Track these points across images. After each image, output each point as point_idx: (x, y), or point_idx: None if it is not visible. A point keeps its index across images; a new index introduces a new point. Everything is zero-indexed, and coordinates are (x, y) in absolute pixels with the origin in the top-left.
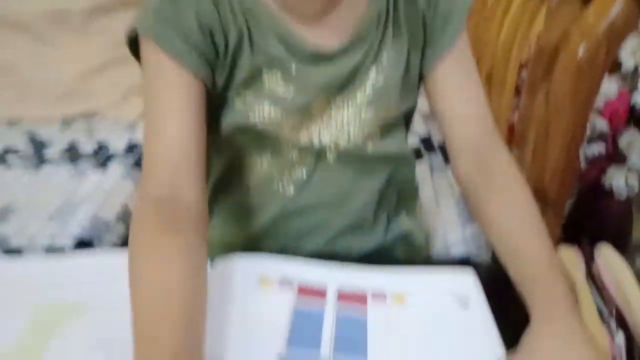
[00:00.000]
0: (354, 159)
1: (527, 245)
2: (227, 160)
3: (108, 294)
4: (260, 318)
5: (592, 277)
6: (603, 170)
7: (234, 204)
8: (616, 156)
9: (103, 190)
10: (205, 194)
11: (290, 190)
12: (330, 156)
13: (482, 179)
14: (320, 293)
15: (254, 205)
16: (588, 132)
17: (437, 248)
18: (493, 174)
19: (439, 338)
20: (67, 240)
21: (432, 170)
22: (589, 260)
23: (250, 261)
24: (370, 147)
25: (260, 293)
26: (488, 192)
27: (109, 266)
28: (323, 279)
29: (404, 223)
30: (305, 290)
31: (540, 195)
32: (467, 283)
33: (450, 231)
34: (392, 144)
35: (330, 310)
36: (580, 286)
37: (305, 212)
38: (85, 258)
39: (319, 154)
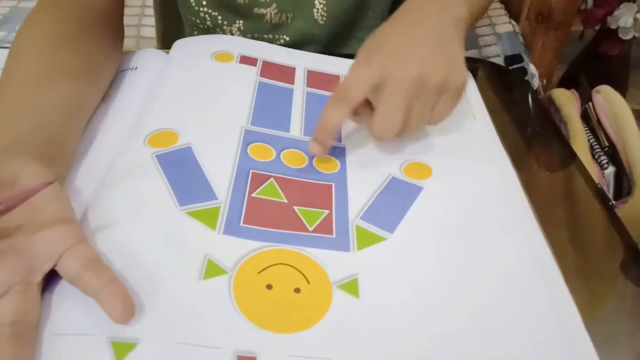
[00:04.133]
0: None
1: None
2: None
3: None
4: (217, 92)
5: (587, 117)
6: (611, 12)
7: None
8: None
9: None
10: None
11: None
12: None
13: None
14: (288, 70)
15: None
16: None
17: None
18: None
19: None
20: None
21: None
22: (585, 101)
23: (207, 39)
24: None
25: (215, 66)
26: None
27: None
28: (291, 60)
29: None
30: (271, 66)
31: (546, 16)
32: None
33: None
34: None
35: (299, 87)
36: (574, 122)
37: None
38: None
39: None
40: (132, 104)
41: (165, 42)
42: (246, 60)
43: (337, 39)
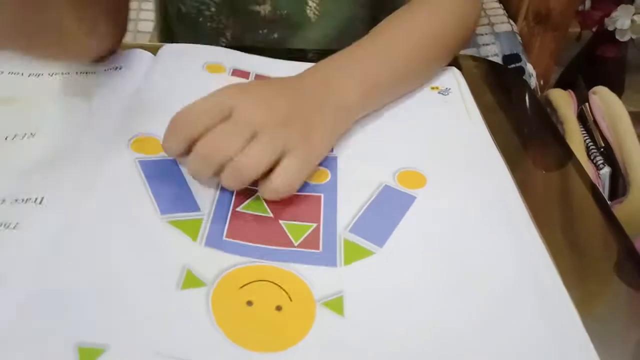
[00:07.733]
0: None
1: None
2: None
3: None
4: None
5: (583, 118)
6: (608, 14)
7: None
8: None
9: None
10: None
11: None
12: None
13: None
14: None
15: None
16: None
17: None
18: None
19: (420, 128)
20: None
21: None
22: (582, 102)
23: (199, 48)
24: None
25: (206, 76)
26: None
27: None
28: (283, 75)
29: None
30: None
31: (544, 17)
32: (448, 76)
33: None
34: None
35: None
36: (570, 123)
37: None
38: None
39: None
40: (115, 105)
41: (163, 35)
42: (238, 73)
43: (332, 39)
